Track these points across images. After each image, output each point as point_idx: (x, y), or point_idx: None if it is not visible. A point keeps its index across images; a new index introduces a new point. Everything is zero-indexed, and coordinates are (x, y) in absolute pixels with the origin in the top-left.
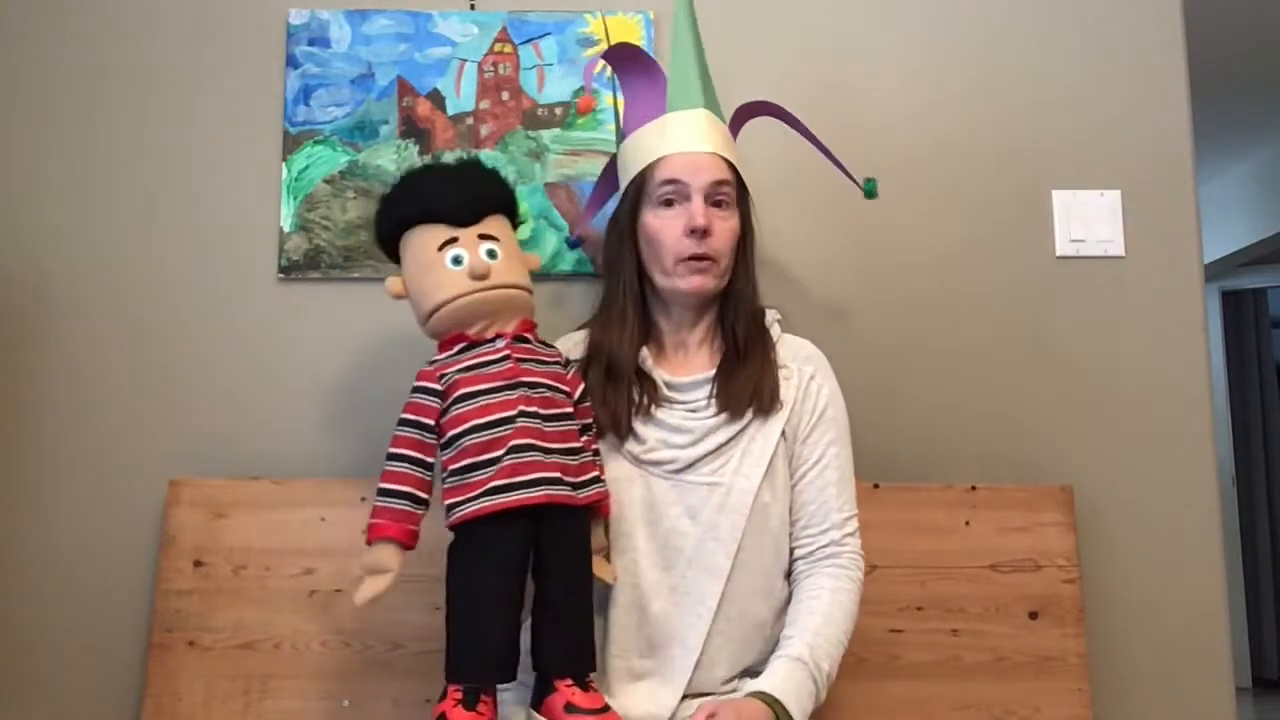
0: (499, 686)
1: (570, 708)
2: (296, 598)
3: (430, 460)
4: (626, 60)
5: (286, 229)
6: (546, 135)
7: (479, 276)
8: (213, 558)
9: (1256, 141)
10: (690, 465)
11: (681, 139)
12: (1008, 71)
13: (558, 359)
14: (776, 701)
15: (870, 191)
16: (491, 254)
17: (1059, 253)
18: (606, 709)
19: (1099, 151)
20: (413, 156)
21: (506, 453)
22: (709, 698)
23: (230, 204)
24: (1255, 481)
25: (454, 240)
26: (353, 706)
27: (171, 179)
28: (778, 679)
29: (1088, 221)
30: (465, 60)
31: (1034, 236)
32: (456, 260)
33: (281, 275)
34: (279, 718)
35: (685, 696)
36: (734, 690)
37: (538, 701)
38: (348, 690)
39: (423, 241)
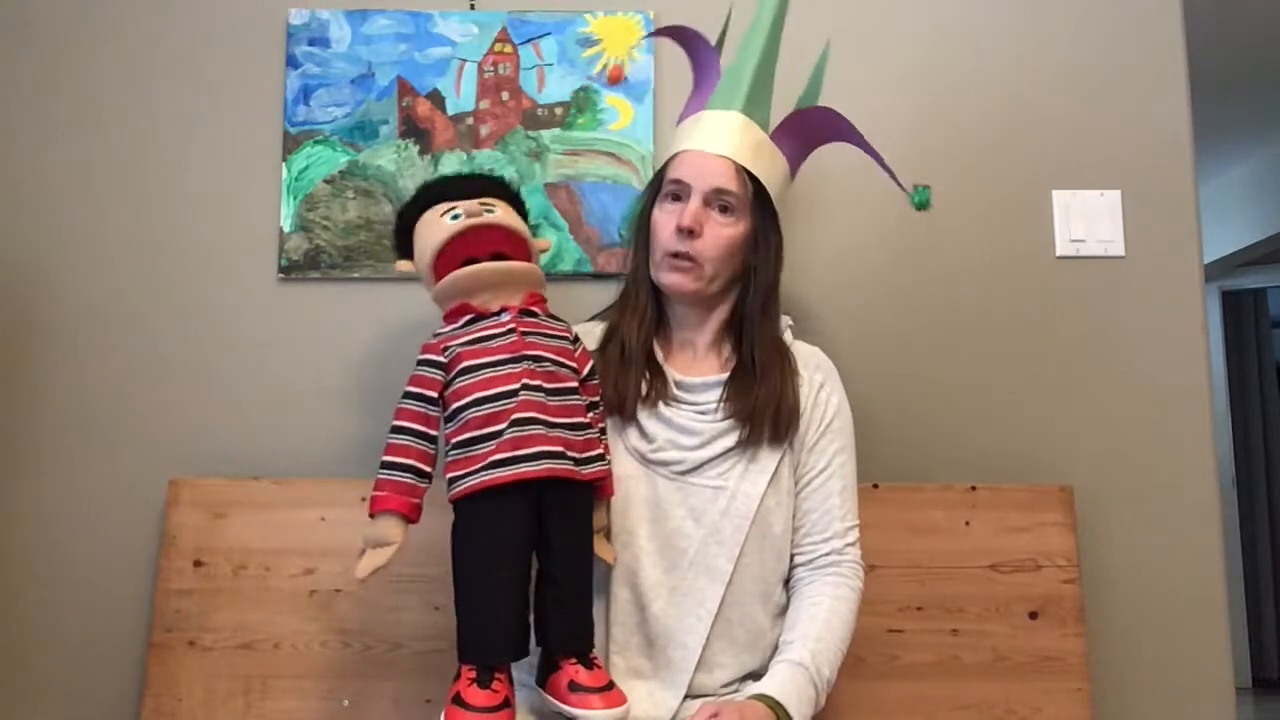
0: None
1: (574, 686)
2: (296, 598)
3: (433, 433)
4: (693, 47)
5: (286, 229)
6: (546, 135)
7: (473, 214)
8: (213, 558)
9: (1256, 141)
10: (697, 468)
11: (703, 138)
12: (1007, 71)
13: (566, 334)
14: (778, 705)
15: (921, 203)
16: (489, 210)
17: (1059, 253)
18: (610, 686)
19: (1099, 151)
20: (413, 156)
21: (509, 426)
22: (710, 699)
23: (230, 204)
24: (1255, 481)
25: (454, 207)
26: (353, 706)
27: (172, 179)
28: (779, 682)
29: (1088, 221)
30: (465, 60)
31: (1034, 236)
32: (454, 216)
33: (281, 275)
34: (279, 718)
35: (685, 698)
36: (735, 693)
37: (542, 679)
38: (348, 690)
39: (427, 217)
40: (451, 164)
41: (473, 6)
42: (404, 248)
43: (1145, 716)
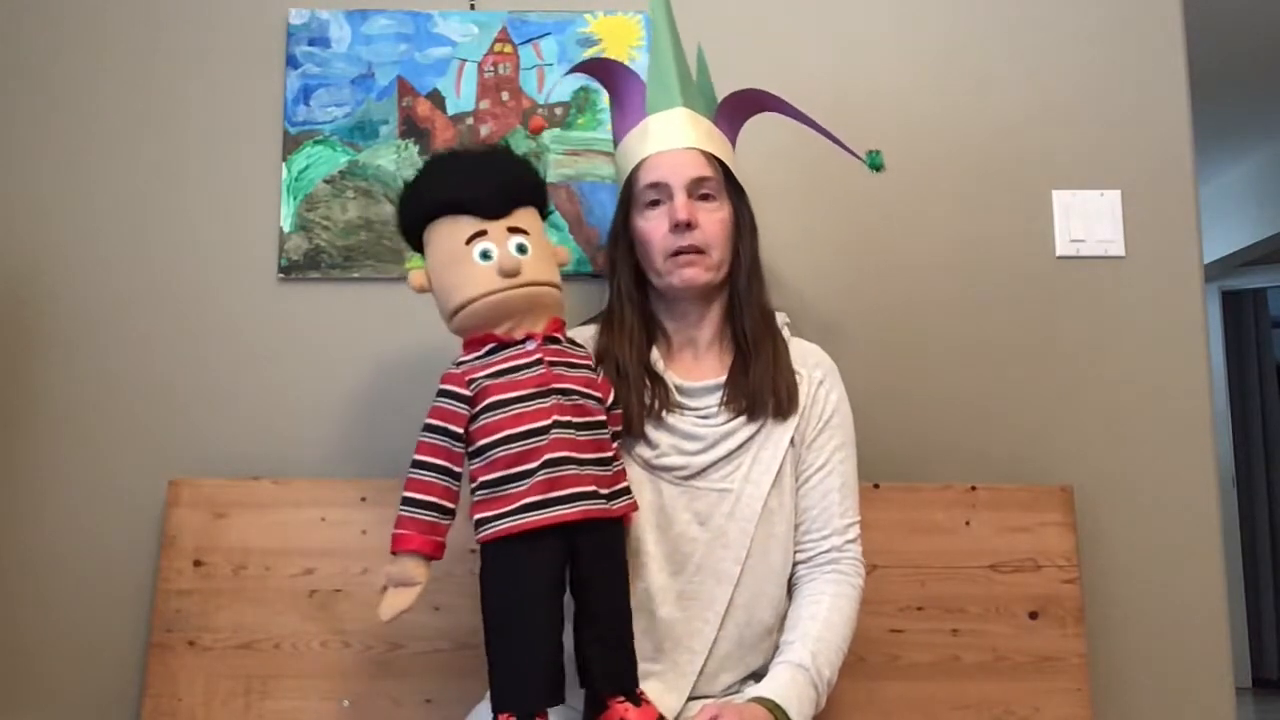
0: None
1: None
2: (296, 598)
3: (458, 469)
4: (606, 73)
5: (286, 229)
6: (546, 135)
7: (509, 273)
8: (213, 558)
9: (1256, 142)
10: (701, 471)
11: (660, 139)
12: (1008, 72)
13: (588, 361)
14: (779, 707)
15: (875, 164)
16: (521, 249)
17: (1059, 253)
18: None
19: (1099, 151)
20: (413, 156)
21: (541, 466)
22: (712, 700)
23: (230, 204)
24: (1255, 481)
25: (483, 233)
26: (353, 706)
27: (172, 179)
28: (780, 684)
29: (1088, 221)
30: (465, 60)
31: (1034, 236)
32: (485, 255)
33: (281, 275)
34: (279, 718)
35: (690, 698)
36: (736, 694)
37: (590, 719)
38: (348, 690)
39: (449, 233)
40: None
41: (473, 6)
42: (411, 237)
43: (1145, 716)
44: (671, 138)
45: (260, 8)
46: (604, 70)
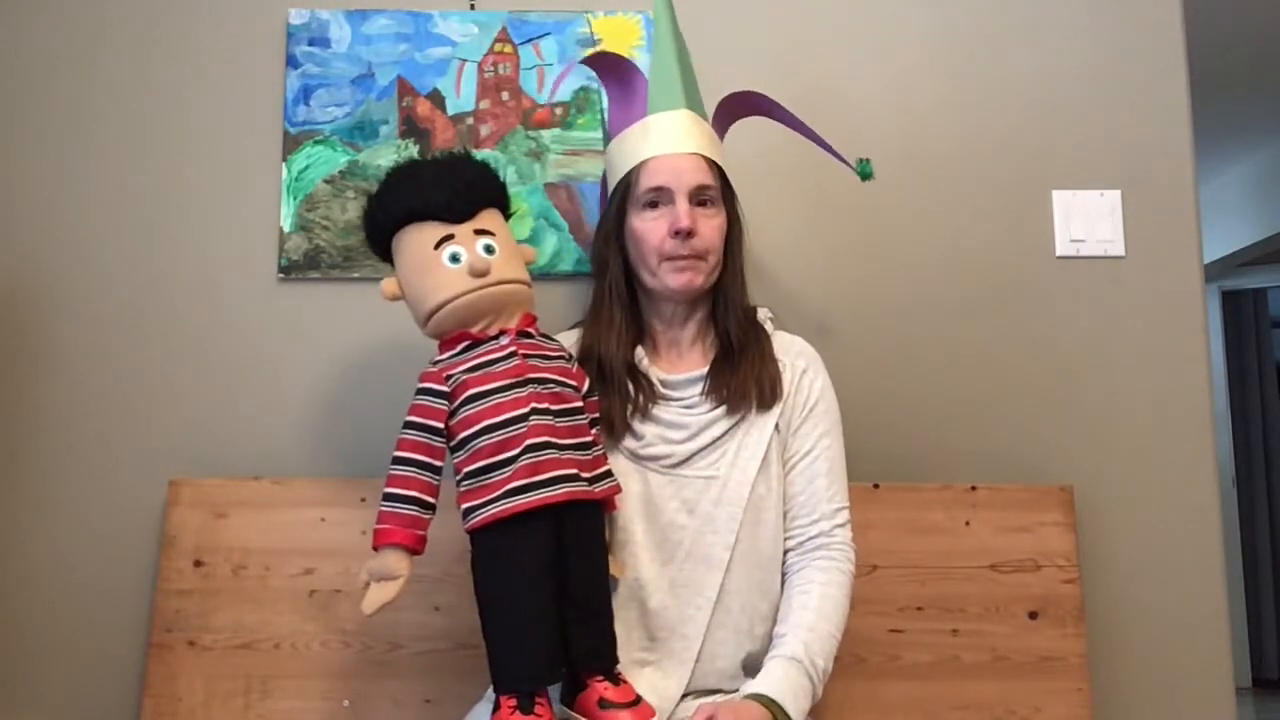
0: None
1: (604, 703)
2: (296, 598)
3: (438, 464)
4: (607, 66)
5: (286, 229)
6: (546, 135)
7: (479, 274)
8: (213, 558)
9: (1256, 142)
10: (687, 459)
11: (664, 141)
12: (1008, 71)
13: (562, 353)
14: (774, 703)
15: (865, 173)
16: (489, 249)
17: (1059, 253)
18: (638, 701)
19: (1099, 151)
20: (413, 156)
21: (523, 452)
22: (708, 699)
23: (230, 204)
24: (1255, 481)
25: (450, 237)
26: (352, 706)
27: (171, 179)
28: (774, 679)
29: (1088, 221)
30: (465, 60)
31: (1034, 236)
32: (454, 258)
33: (281, 275)
34: (279, 718)
35: (688, 692)
36: (735, 681)
37: (569, 697)
38: (348, 690)
39: (417, 240)
40: None
41: (473, 6)
42: (379, 248)
43: (1145, 716)
44: (676, 141)
45: (260, 8)
46: (608, 63)
